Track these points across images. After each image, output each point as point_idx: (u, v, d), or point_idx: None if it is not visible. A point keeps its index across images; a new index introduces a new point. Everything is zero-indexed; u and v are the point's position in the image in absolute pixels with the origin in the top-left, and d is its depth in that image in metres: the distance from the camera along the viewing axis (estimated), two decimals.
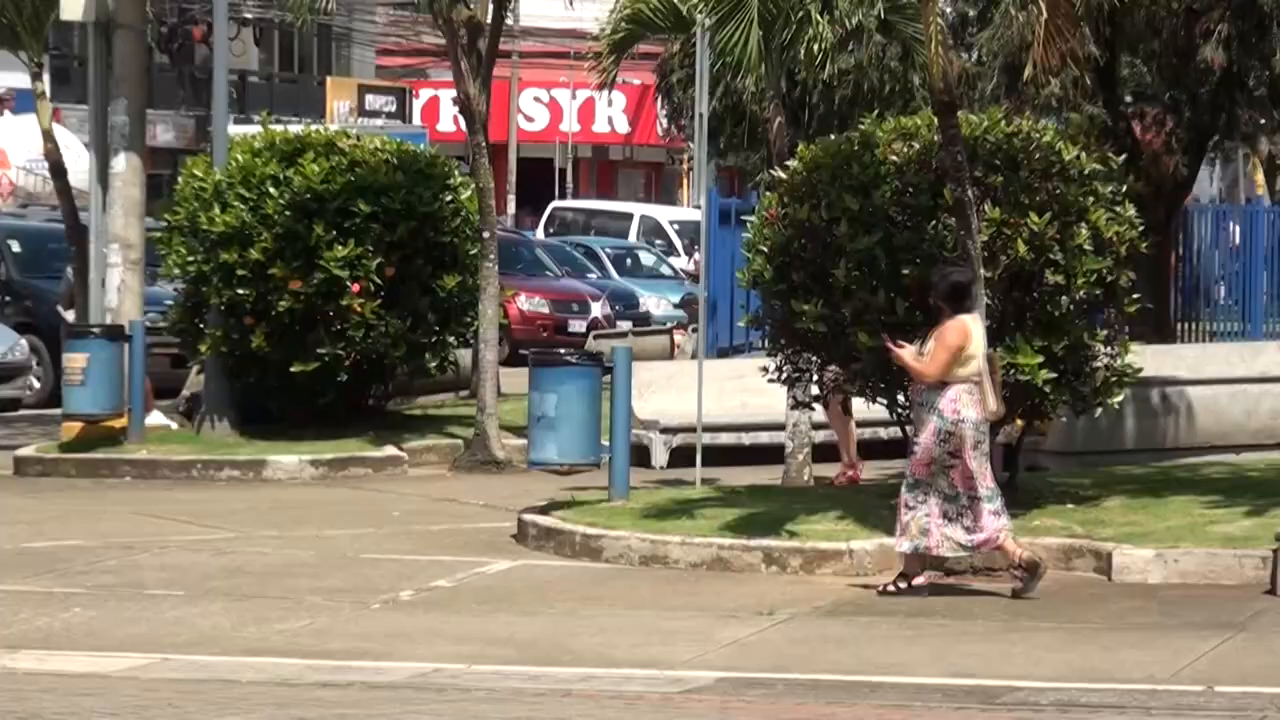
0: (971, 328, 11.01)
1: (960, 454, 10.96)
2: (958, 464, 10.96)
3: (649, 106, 43.44)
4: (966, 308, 11.09)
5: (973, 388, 10.96)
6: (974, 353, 10.97)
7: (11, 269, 22.85)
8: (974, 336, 10.99)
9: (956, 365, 10.94)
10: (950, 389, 10.95)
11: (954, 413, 10.94)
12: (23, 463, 16.43)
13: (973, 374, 10.96)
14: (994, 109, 13.45)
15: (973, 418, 10.97)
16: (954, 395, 10.93)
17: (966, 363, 10.95)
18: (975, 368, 10.96)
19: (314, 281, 16.26)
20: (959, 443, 10.95)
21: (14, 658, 9.54)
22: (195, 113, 39.08)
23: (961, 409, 10.94)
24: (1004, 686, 9.04)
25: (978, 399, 10.97)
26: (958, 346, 10.92)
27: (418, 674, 9.30)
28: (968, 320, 11.04)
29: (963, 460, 10.95)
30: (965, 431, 10.95)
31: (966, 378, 10.95)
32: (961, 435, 10.95)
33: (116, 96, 17.17)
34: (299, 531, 13.29)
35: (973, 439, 10.99)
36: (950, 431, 10.95)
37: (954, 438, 10.95)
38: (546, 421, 13.18)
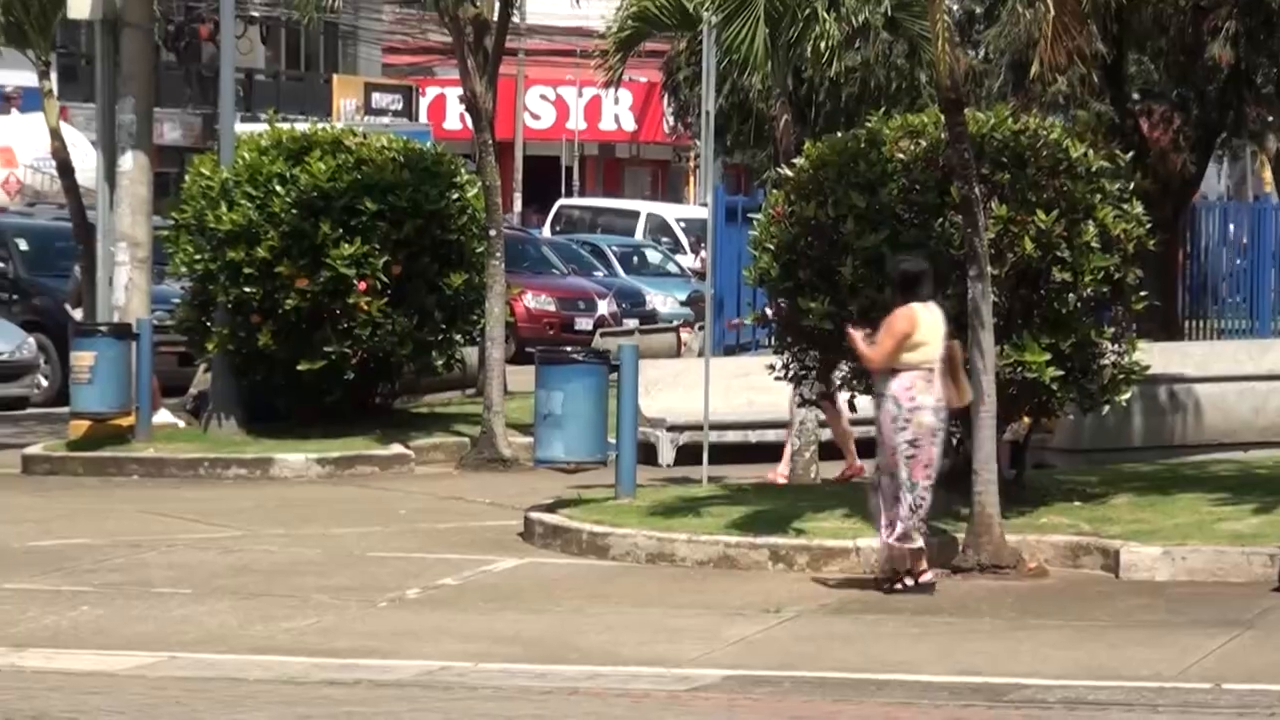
0: (920, 315, 11.05)
1: (919, 442, 10.96)
2: (917, 453, 10.96)
3: (655, 104, 43.42)
4: (917, 296, 11.13)
5: (928, 374, 10.99)
6: (923, 340, 11.01)
7: (19, 267, 22.87)
8: (922, 324, 11.03)
9: (904, 352, 11.00)
10: (902, 375, 10.99)
11: (909, 399, 10.96)
12: (30, 461, 16.45)
13: (923, 361, 11.00)
14: (1001, 106, 13.44)
15: (930, 403, 10.98)
16: (907, 382, 10.97)
17: (915, 349, 11.00)
18: (926, 355, 11.01)
19: (321, 280, 16.27)
20: (919, 430, 10.94)
21: (22, 656, 9.54)
22: (202, 111, 39.09)
23: (917, 395, 10.97)
24: (1011, 684, 9.03)
25: (935, 386, 10.99)
26: (903, 333, 10.98)
27: (424, 672, 9.30)
28: (916, 308, 11.08)
29: (924, 449, 10.95)
30: (924, 418, 10.97)
31: (917, 364, 10.99)
32: (920, 422, 10.96)
33: (124, 95, 17.17)
34: (306, 530, 13.30)
35: (932, 426, 11.01)
36: (908, 419, 10.95)
37: (911, 424, 10.95)
38: (553, 419, 13.18)
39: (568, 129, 50.15)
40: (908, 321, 11.03)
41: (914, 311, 11.07)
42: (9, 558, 12.18)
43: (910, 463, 10.98)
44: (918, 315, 11.06)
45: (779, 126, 14.64)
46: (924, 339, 11.02)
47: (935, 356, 11.02)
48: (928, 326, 11.06)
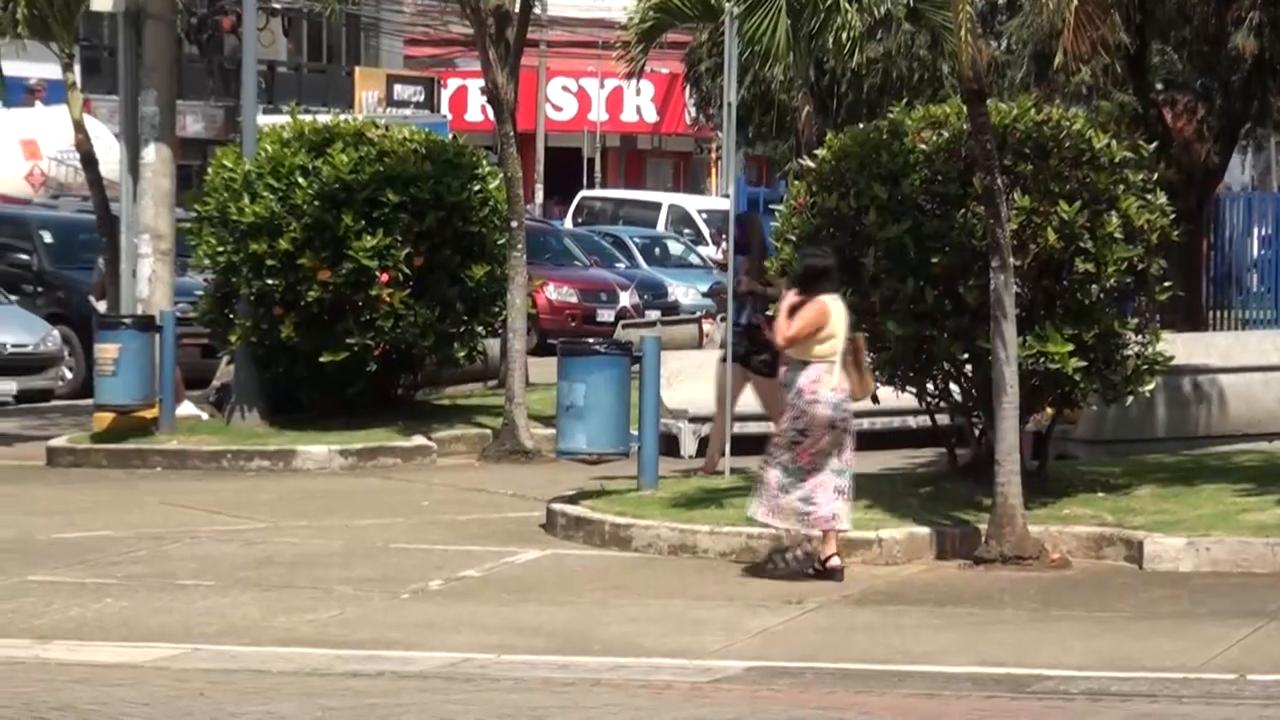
0: (830, 308, 11.26)
1: (809, 433, 11.16)
2: (804, 441, 11.17)
3: (677, 95, 43.40)
4: (823, 289, 11.33)
5: (831, 367, 11.22)
6: (832, 333, 11.22)
7: (44, 260, 22.93)
8: (832, 316, 11.24)
9: (814, 344, 11.23)
10: (810, 368, 11.24)
11: (812, 392, 11.21)
12: (55, 453, 16.49)
13: (829, 354, 11.23)
14: (1024, 97, 13.42)
15: (831, 398, 11.19)
16: (814, 375, 11.23)
17: (824, 341, 11.23)
18: (833, 348, 11.24)
19: (343, 271, 16.28)
20: (811, 421, 11.17)
21: (47, 648, 9.57)
22: (224, 103, 39.16)
23: (819, 389, 11.21)
24: (1034, 675, 9.02)
25: (837, 379, 11.23)
26: (815, 326, 11.22)
27: (447, 664, 9.32)
28: (827, 301, 11.28)
29: (813, 437, 11.14)
30: (819, 411, 11.18)
31: (824, 357, 11.23)
32: (813, 415, 11.17)
33: (146, 87, 17.20)
34: (328, 521, 13.32)
35: (828, 419, 11.16)
36: (804, 409, 11.21)
37: (806, 415, 11.20)
38: (575, 411, 13.18)
39: (589, 120, 50.15)
40: (821, 314, 11.25)
41: (825, 304, 11.29)
42: (34, 550, 12.21)
43: (795, 449, 11.21)
44: (828, 308, 11.28)
45: (801, 118, 14.65)
46: (833, 332, 11.26)
47: (840, 350, 11.27)
48: (837, 319, 11.28)
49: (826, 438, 11.19)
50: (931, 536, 11.94)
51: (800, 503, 11.21)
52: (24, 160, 30.67)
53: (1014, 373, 11.63)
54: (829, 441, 11.20)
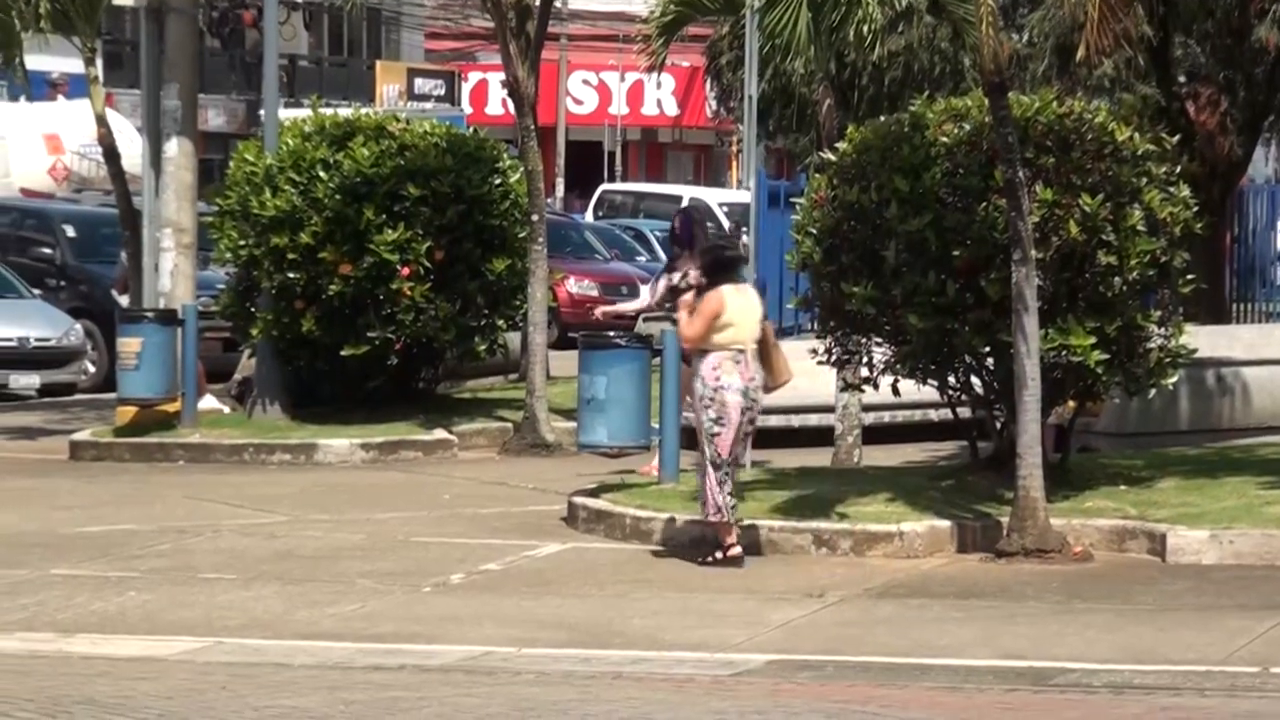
0: (728, 298, 11.41)
1: (724, 421, 11.28)
2: (722, 431, 11.28)
3: (698, 89, 43.38)
4: (727, 279, 11.51)
5: (736, 355, 11.35)
6: (731, 322, 11.38)
7: (66, 254, 22.98)
8: (730, 306, 11.39)
9: (713, 333, 11.38)
10: (710, 356, 11.39)
11: (715, 379, 11.36)
12: (78, 447, 16.53)
13: (731, 342, 11.38)
14: (1046, 90, 13.38)
15: (736, 384, 11.31)
16: (714, 362, 11.38)
17: (723, 330, 11.39)
18: (734, 336, 11.39)
19: (364, 265, 16.30)
20: (722, 409, 11.29)
21: (70, 641, 9.60)
22: (246, 97, 39.23)
23: (722, 375, 11.35)
24: (1056, 668, 9.01)
25: (745, 367, 11.35)
26: (713, 314, 11.37)
27: (468, 657, 9.32)
28: (725, 290, 11.45)
29: (728, 427, 11.26)
30: (728, 398, 11.31)
31: (725, 345, 11.38)
32: (723, 401, 11.30)
33: (168, 81, 17.23)
34: (350, 515, 13.34)
35: (739, 404, 11.31)
36: (712, 399, 11.33)
37: (715, 403, 11.32)
38: (596, 404, 13.18)
39: (610, 114, 50.14)
40: (716, 303, 11.40)
41: (723, 294, 11.45)
42: (57, 543, 12.24)
43: (714, 440, 11.33)
44: (725, 298, 11.43)
45: (822, 111, 14.62)
46: (732, 320, 11.39)
47: (744, 338, 11.42)
48: (736, 309, 11.42)
49: (742, 422, 11.36)
50: (953, 529, 11.92)
51: (729, 496, 11.43)
52: (47, 154, 30.75)
53: (1036, 366, 11.61)
54: (744, 430, 11.38)
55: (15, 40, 18.09)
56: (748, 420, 11.45)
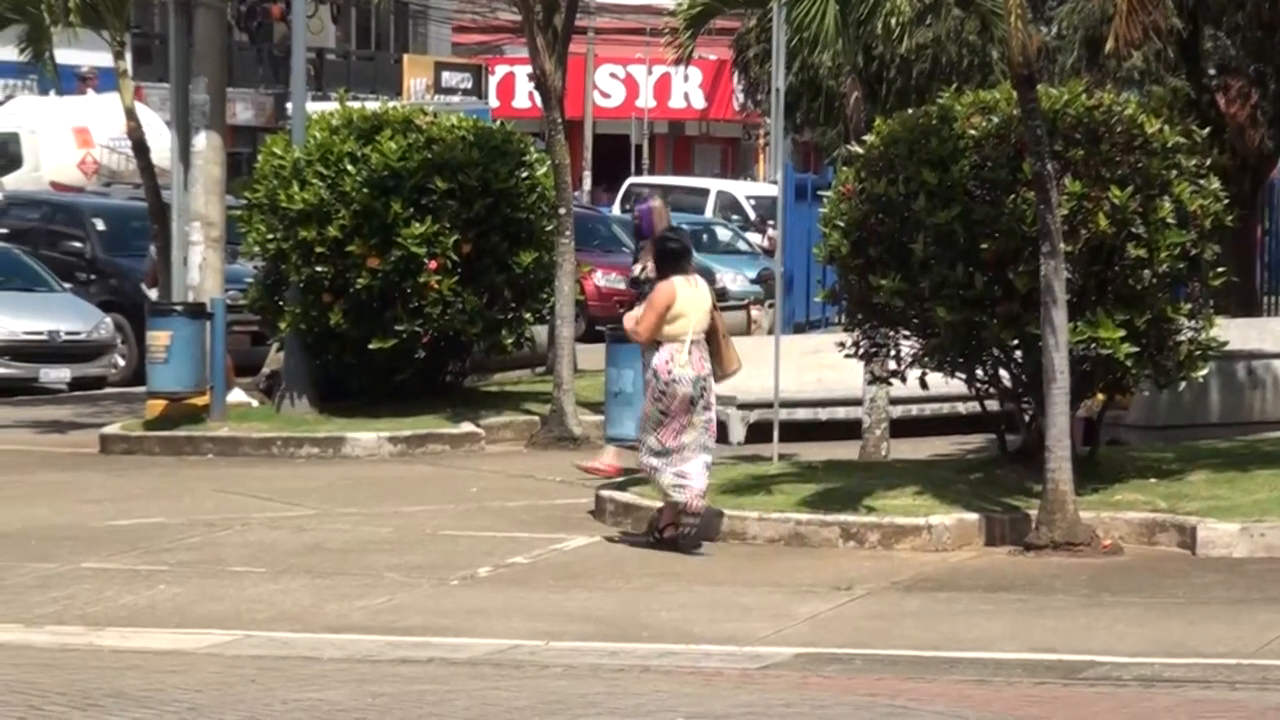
0: (677, 290, 11.61)
1: (671, 411, 11.50)
2: (668, 421, 11.52)
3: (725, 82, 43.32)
4: (676, 270, 11.72)
5: (689, 346, 11.55)
6: (681, 313, 11.57)
7: (96, 247, 23.06)
8: (680, 298, 11.58)
9: (665, 325, 11.57)
10: (662, 349, 11.59)
11: (667, 371, 11.56)
12: (108, 440, 16.57)
13: (681, 333, 11.57)
14: (1074, 82, 13.33)
15: (689, 375, 11.52)
16: (666, 355, 11.58)
17: (674, 321, 11.59)
18: (684, 327, 11.59)
19: (391, 259, 16.32)
20: (671, 400, 11.50)
21: (100, 635, 9.63)
22: (274, 90, 39.29)
23: (674, 368, 11.55)
24: (1085, 661, 8.99)
25: (698, 358, 11.56)
26: (663, 306, 11.59)
27: (496, 650, 9.33)
28: (675, 282, 11.65)
29: (674, 417, 11.48)
30: (679, 390, 11.51)
31: (675, 336, 11.58)
32: (675, 393, 11.50)
33: (197, 75, 17.26)
34: (378, 508, 13.36)
35: (687, 395, 11.50)
36: (663, 390, 11.54)
37: (666, 395, 11.53)
38: (623, 397, 13.19)
39: (637, 107, 50.11)
40: (666, 296, 11.61)
41: (673, 285, 11.63)
42: (88, 537, 12.29)
43: (659, 429, 11.55)
44: (676, 289, 11.61)
45: (849, 103, 14.57)
46: (682, 312, 11.58)
47: (693, 329, 11.60)
48: (686, 300, 11.60)
49: (688, 415, 11.53)
50: (981, 522, 11.90)
51: (674, 477, 11.57)
52: (76, 148, 30.87)
53: (1064, 358, 11.58)
54: (691, 420, 11.52)
55: (45, 34, 18.15)
56: (703, 407, 11.63)
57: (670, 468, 11.56)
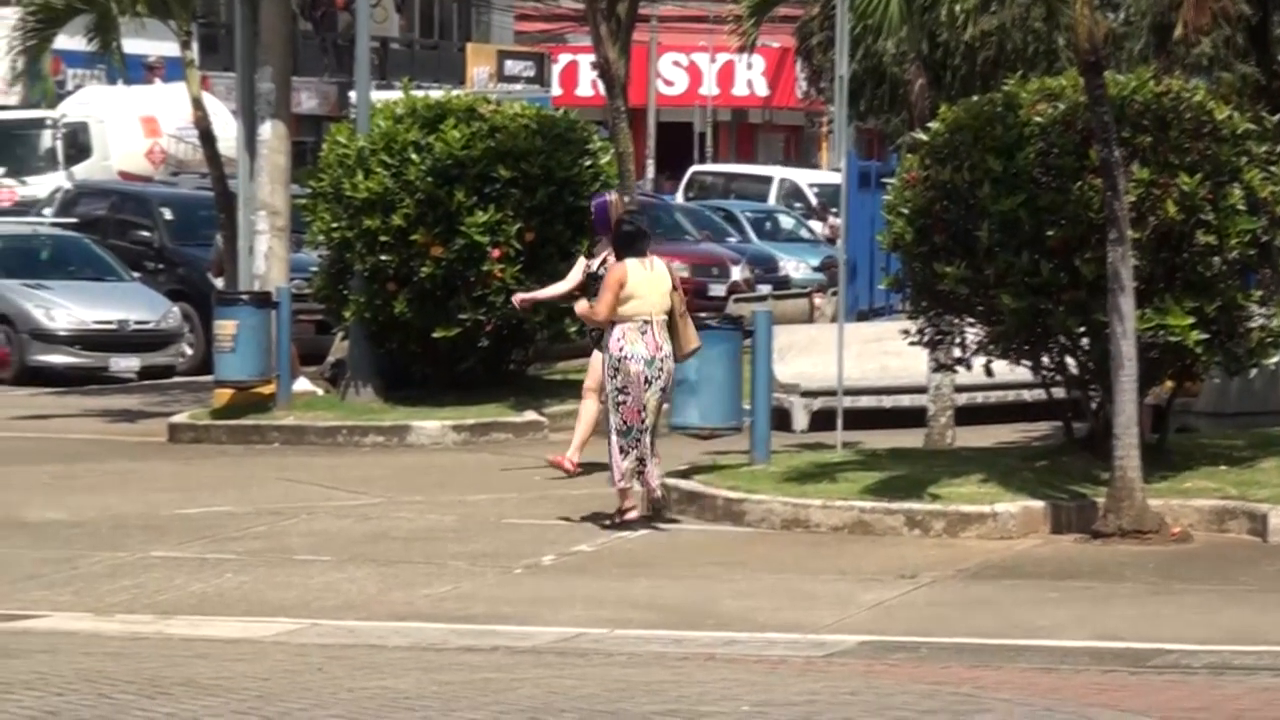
0: (630, 271, 11.89)
1: (628, 390, 11.74)
2: (627, 399, 11.75)
3: (788, 69, 43.23)
4: (632, 252, 12.00)
5: (641, 326, 11.83)
6: (634, 294, 11.85)
7: (164, 237, 23.21)
8: (631, 279, 11.86)
9: (620, 305, 11.85)
10: (615, 328, 11.87)
11: (619, 349, 11.84)
12: (176, 429, 16.69)
13: (635, 313, 11.85)
14: (1142, 69, 13.24)
15: (640, 353, 11.79)
16: (618, 334, 11.87)
17: (626, 302, 11.86)
18: (637, 308, 11.86)
19: (455, 247, 16.35)
20: (626, 378, 11.75)
21: (169, 623, 9.70)
22: (338, 80, 39.43)
23: (626, 345, 11.83)
24: (1153, 649, 8.93)
25: (654, 338, 11.82)
26: (616, 285, 11.88)
27: (561, 638, 9.35)
28: (629, 264, 11.94)
29: (632, 395, 11.71)
30: (631, 367, 11.76)
31: (629, 316, 11.86)
32: (627, 370, 11.76)
33: (262, 64, 17.34)
34: (442, 497, 13.40)
35: (641, 374, 11.77)
36: (616, 368, 11.82)
37: (620, 373, 11.78)
38: (687, 386, 13.18)
39: (700, 95, 50.05)
40: (619, 275, 11.90)
41: (625, 267, 11.93)
42: (157, 525, 12.38)
43: (620, 409, 11.80)
44: (628, 271, 11.90)
45: (913, 91, 14.51)
46: (635, 293, 11.85)
47: (648, 309, 11.87)
48: (639, 281, 11.87)
49: (646, 393, 11.75)
50: (1047, 510, 11.84)
51: (637, 462, 11.80)
52: (144, 138, 31.07)
53: (1132, 346, 11.50)
54: (649, 398, 11.75)
55: (113, 24, 18.27)
56: (659, 389, 11.87)
57: (635, 450, 11.82)
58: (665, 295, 11.94)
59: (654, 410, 11.94)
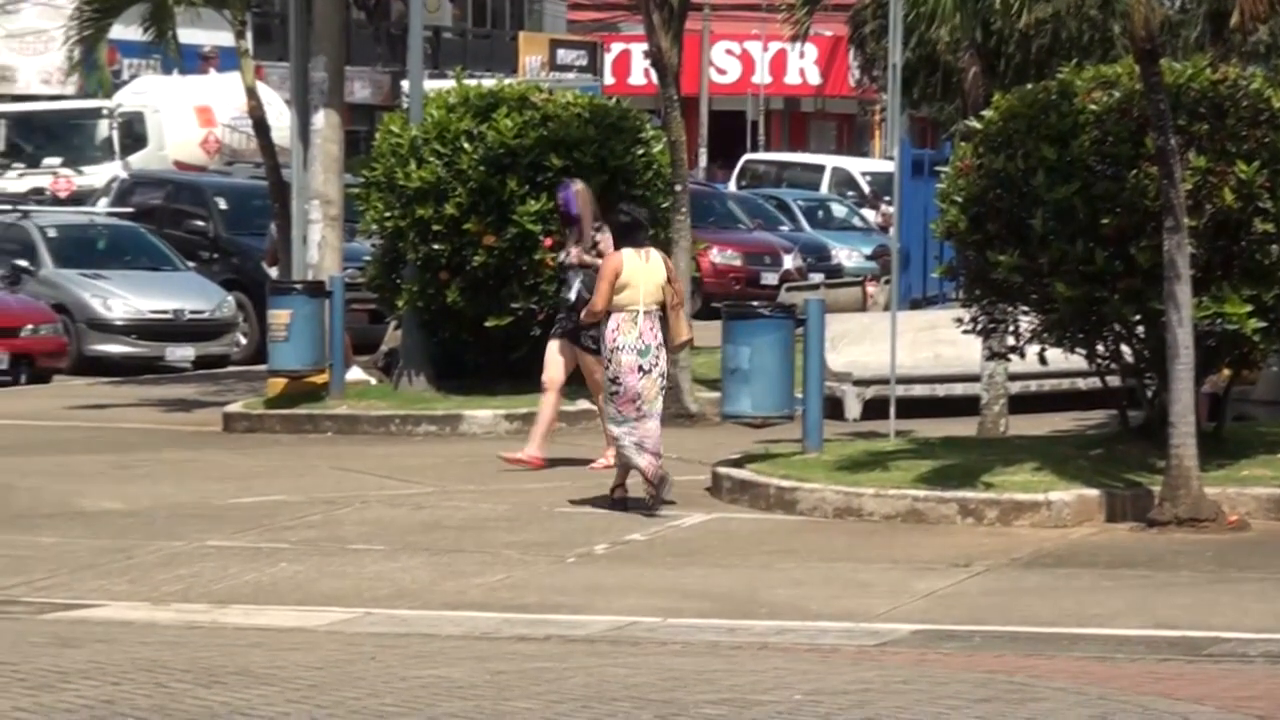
0: (626, 261, 12.03)
1: (621, 379, 11.92)
2: (619, 390, 11.93)
3: (841, 58, 43.11)
4: (631, 242, 12.15)
5: (633, 315, 11.96)
6: (628, 283, 11.98)
7: (219, 226, 23.31)
8: (626, 268, 12.00)
9: (614, 295, 11.98)
10: (610, 318, 12.03)
11: (612, 340, 12.00)
12: (231, 419, 16.76)
13: (629, 303, 11.98)
14: (1199, 56, 13.15)
15: (631, 343, 11.94)
16: (613, 324, 12.01)
17: (620, 292, 11.99)
18: (631, 298, 11.99)
19: (507, 236, 16.37)
20: (618, 368, 11.94)
21: (224, 612, 9.74)
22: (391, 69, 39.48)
23: (619, 336, 11.98)
24: (1210, 638, 8.88)
25: (648, 328, 11.96)
26: (612, 276, 12.03)
27: (613, 627, 9.35)
28: (625, 254, 12.08)
29: (624, 385, 11.90)
30: (623, 359, 11.93)
31: (623, 306, 12.00)
32: (619, 361, 11.93)
33: (316, 54, 17.38)
34: (494, 486, 13.41)
35: (634, 364, 11.92)
36: (610, 358, 12.01)
37: (613, 364, 11.98)
38: (740, 374, 13.16)
39: (753, 83, 49.97)
40: (614, 266, 12.05)
41: (620, 257, 12.07)
42: (211, 515, 12.44)
43: (614, 399, 11.99)
44: (623, 261, 12.03)
45: (967, 79, 14.45)
46: (629, 282, 11.97)
47: (640, 299, 11.99)
48: (633, 271, 11.99)
49: (641, 382, 11.90)
50: (1102, 499, 11.79)
51: (634, 447, 11.94)
52: (199, 127, 31.21)
53: (1188, 334, 11.43)
54: (646, 387, 11.90)
55: (168, 14, 18.35)
56: (658, 376, 11.95)
57: (630, 436, 11.95)
58: (659, 287, 12.05)
59: (652, 398, 12.02)
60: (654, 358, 11.99)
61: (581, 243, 13.55)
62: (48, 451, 15.21)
